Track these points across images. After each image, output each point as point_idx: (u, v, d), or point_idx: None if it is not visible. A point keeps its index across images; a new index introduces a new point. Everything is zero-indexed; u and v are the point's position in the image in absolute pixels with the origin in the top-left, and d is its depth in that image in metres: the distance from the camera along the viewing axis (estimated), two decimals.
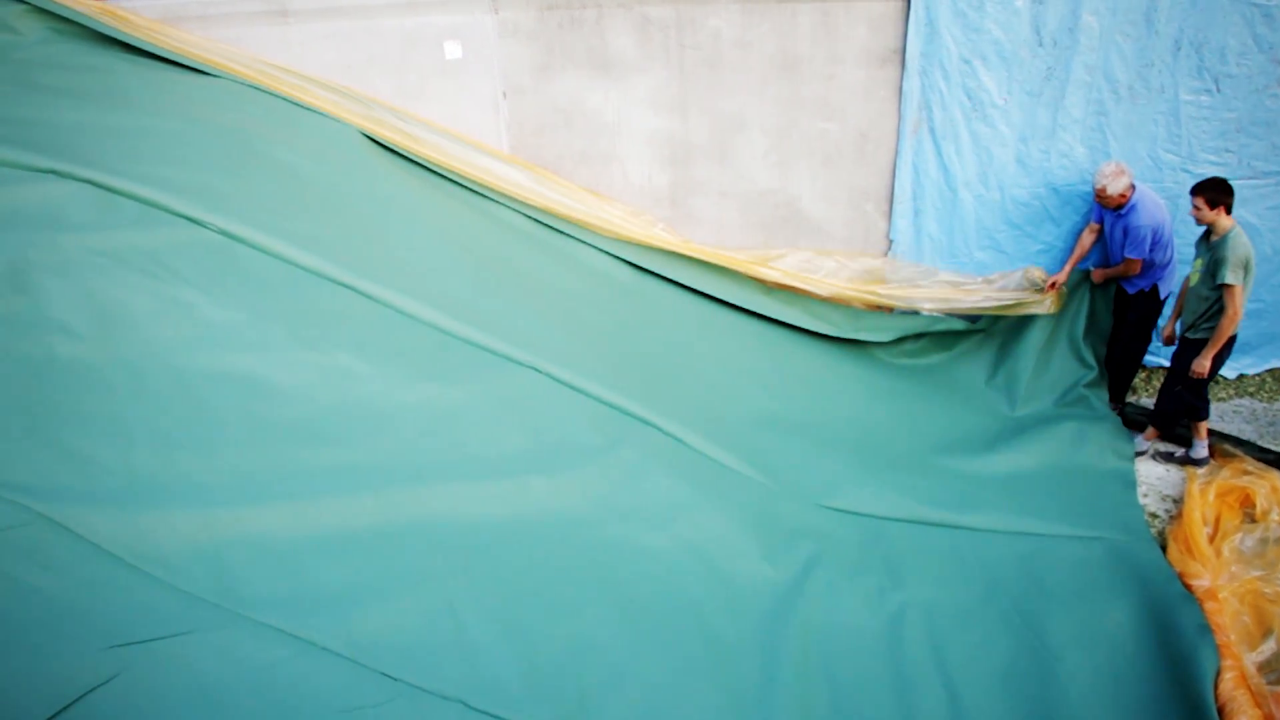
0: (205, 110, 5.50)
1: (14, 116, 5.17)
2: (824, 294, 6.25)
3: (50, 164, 4.67)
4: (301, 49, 6.13)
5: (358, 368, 4.06)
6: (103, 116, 5.29)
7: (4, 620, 2.97)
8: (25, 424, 3.46)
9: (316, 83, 6.08)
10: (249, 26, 6.24)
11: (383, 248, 4.81)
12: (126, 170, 4.66)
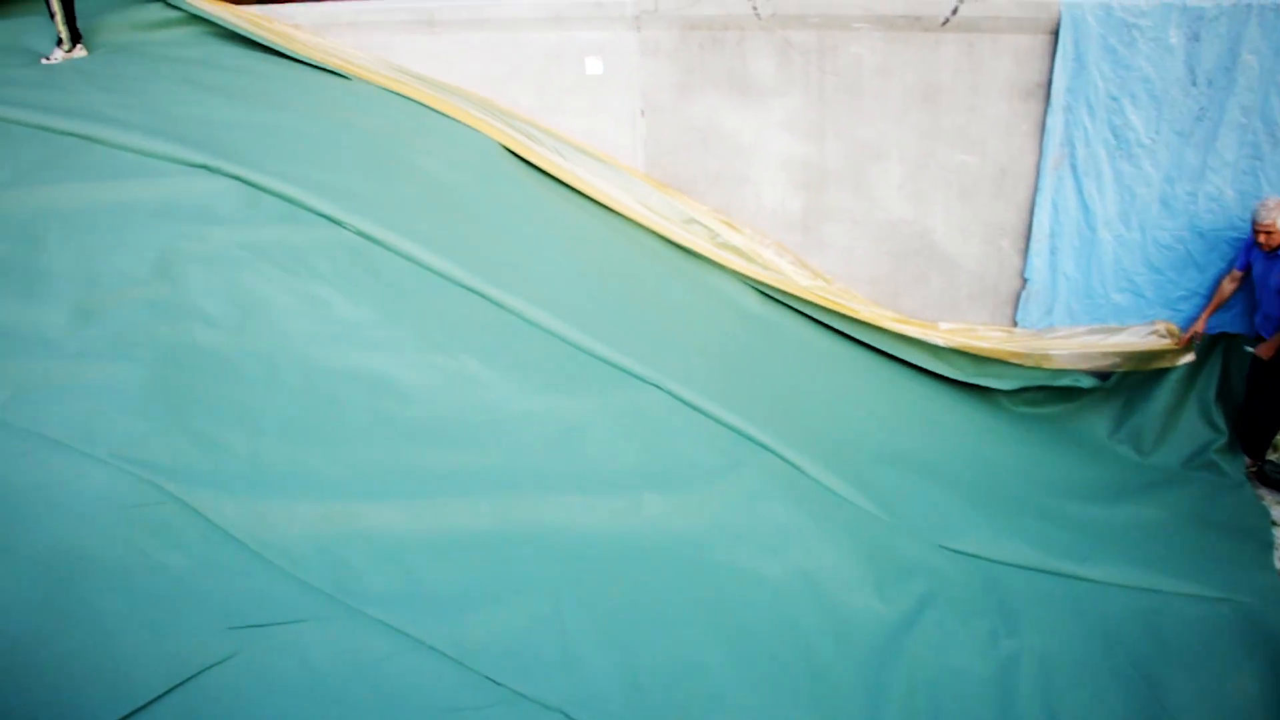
0: (350, 115, 5.65)
1: (173, 113, 5.40)
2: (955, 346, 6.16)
3: (203, 159, 4.86)
4: (447, 58, 6.26)
5: (483, 373, 4.12)
6: (253, 116, 5.47)
7: (133, 593, 3.07)
8: (164, 407, 3.59)
9: (458, 93, 6.21)
10: (397, 34, 6.40)
11: (514, 257, 4.87)
12: (273, 169, 4.82)
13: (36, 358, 3.76)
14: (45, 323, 3.93)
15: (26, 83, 5.91)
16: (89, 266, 4.25)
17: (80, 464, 3.35)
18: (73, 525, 3.17)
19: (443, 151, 5.39)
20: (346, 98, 5.78)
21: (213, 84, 5.94)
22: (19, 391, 3.60)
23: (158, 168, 4.90)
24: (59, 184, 4.78)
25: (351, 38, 6.51)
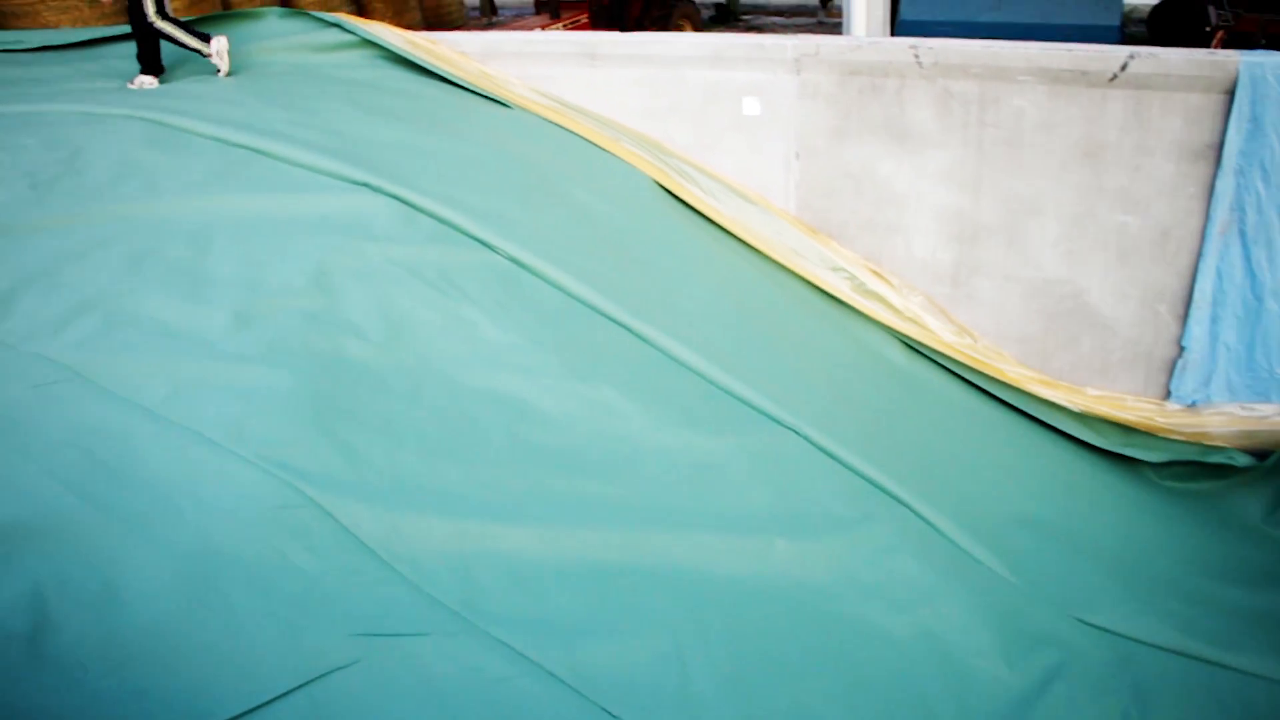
0: (508, 142, 5.77)
1: (340, 131, 5.60)
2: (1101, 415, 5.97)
3: (364, 177, 5.02)
4: (607, 91, 6.35)
5: (622, 405, 4.14)
6: (415, 138, 5.63)
7: (268, 591, 3.16)
8: (311, 414, 3.69)
9: (616, 127, 6.29)
10: (559, 66, 6.53)
11: (659, 292, 4.90)
12: (430, 190, 4.95)
13: (196, 357, 3.92)
14: (206, 324, 4.10)
15: (207, 97, 6.21)
16: (251, 274, 4.42)
17: (228, 462, 3.46)
18: (216, 521, 3.27)
19: (597, 183, 5.46)
20: (506, 125, 5.91)
21: (379, 106, 6.13)
22: (177, 388, 3.75)
23: (321, 183, 5.08)
24: (229, 193, 4.99)
25: (515, 67, 6.66)
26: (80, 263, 4.54)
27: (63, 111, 6.36)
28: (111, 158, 5.51)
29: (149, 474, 3.40)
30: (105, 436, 3.55)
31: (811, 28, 17.61)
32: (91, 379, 3.81)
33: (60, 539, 3.12)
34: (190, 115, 5.82)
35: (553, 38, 6.76)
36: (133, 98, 6.34)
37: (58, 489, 3.31)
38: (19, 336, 4.06)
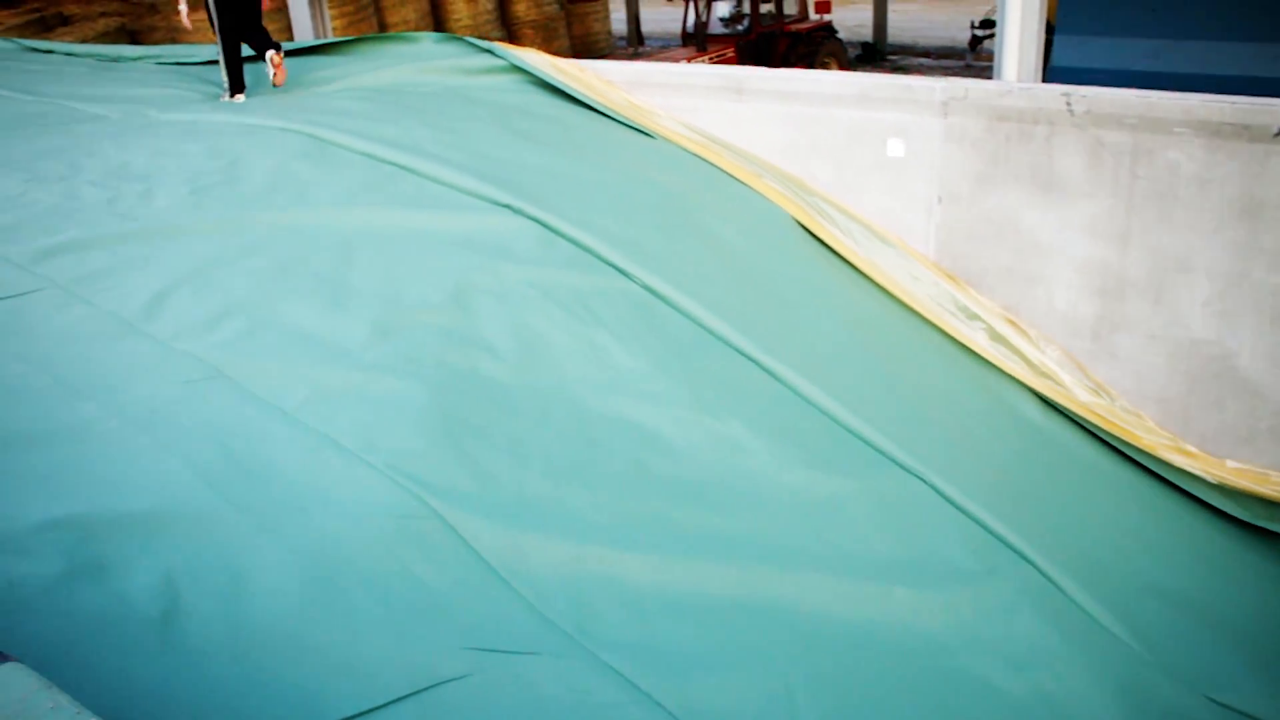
0: (650, 171, 5.82)
1: (485, 153, 5.71)
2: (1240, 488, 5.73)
3: (507, 199, 5.11)
4: (750, 125, 6.36)
5: (747, 440, 4.12)
6: (558, 163, 5.72)
7: (387, 597, 3.21)
8: (441, 428, 3.75)
9: (758, 162, 6.29)
10: (704, 98, 6.56)
11: (792, 329, 4.88)
12: (570, 215, 5.02)
13: (334, 365, 4.02)
14: (346, 334, 4.21)
15: (361, 114, 6.40)
16: (391, 287, 4.53)
17: (358, 469, 3.53)
18: (343, 525, 3.34)
19: (736, 218, 5.47)
20: (649, 155, 5.96)
21: (525, 130, 6.25)
22: (315, 394, 3.86)
23: (464, 202, 5.19)
24: (376, 208, 5.13)
25: (661, 98, 6.71)
26: (231, 267, 4.71)
27: (225, 122, 6.64)
28: (267, 168, 5.72)
29: (282, 474, 3.49)
30: (243, 435, 3.66)
31: (959, 70, 17.42)
32: (234, 379, 3.94)
33: (194, 529, 3.23)
34: (343, 130, 6.02)
35: (699, 70, 6.81)
36: (291, 112, 6.57)
37: (196, 482, 3.42)
38: (170, 334, 4.22)
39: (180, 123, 6.92)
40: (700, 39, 16.87)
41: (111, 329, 4.30)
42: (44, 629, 2.77)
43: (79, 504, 3.27)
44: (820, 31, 17.49)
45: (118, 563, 3.05)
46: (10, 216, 5.45)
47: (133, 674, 2.71)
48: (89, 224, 5.25)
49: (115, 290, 4.56)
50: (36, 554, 3.04)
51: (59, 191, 5.76)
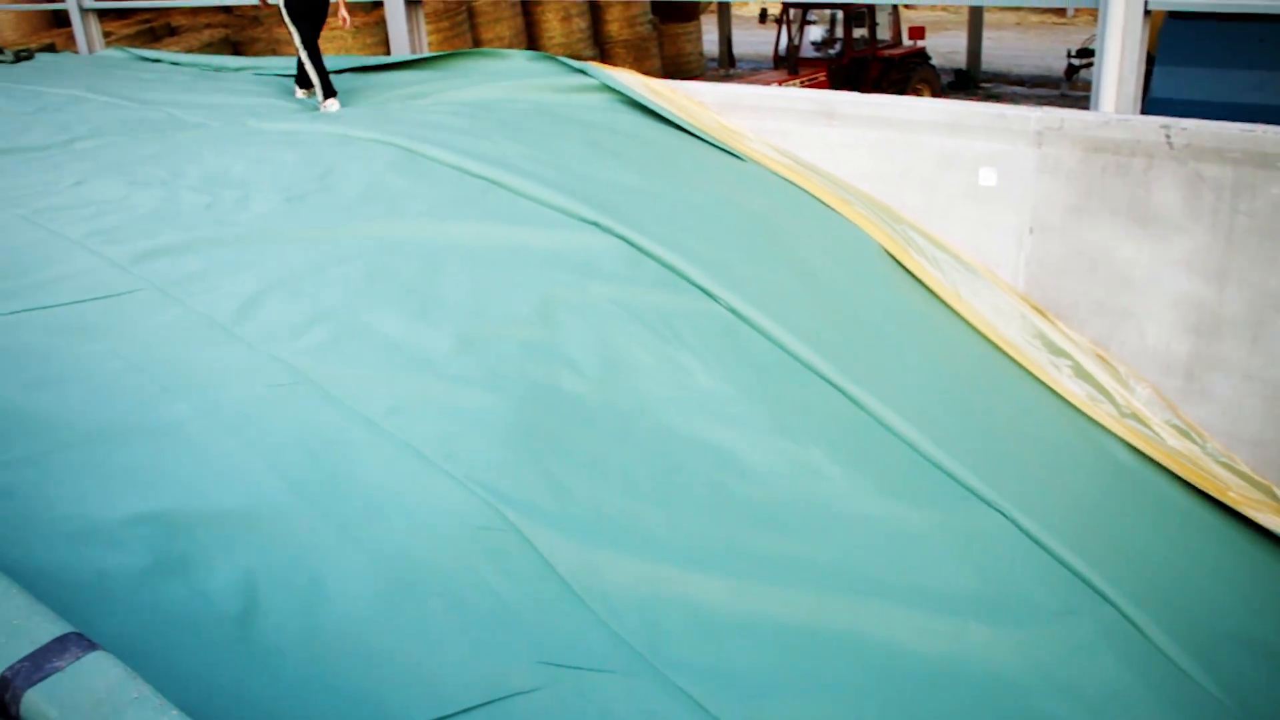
0: (738, 194, 5.81)
1: (574, 170, 5.75)
2: None
3: (595, 216, 5.14)
4: (840, 151, 6.33)
5: (827, 467, 4.09)
6: (647, 183, 5.74)
7: (461, 607, 3.22)
8: (522, 442, 3.77)
9: (847, 188, 6.25)
10: (795, 123, 6.54)
11: (876, 357, 4.84)
12: (657, 234, 5.03)
13: (418, 375, 4.07)
14: (431, 344, 4.25)
15: (453, 129, 6.49)
16: (477, 300, 4.57)
17: (437, 479, 3.56)
18: (420, 534, 3.37)
19: (823, 243, 5.44)
20: (738, 177, 5.96)
21: (615, 148, 6.28)
22: (398, 403, 3.90)
23: (553, 219, 5.22)
24: (465, 221, 5.19)
25: (751, 121, 6.71)
26: (321, 275, 4.79)
27: (321, 132, 6.76)
28: (360, 179, 5.82)
29: (363, 481, 3.53)
30: (327, 440, 3.71)
31: (1054, 100, 17.18)
32: (321, 385, 4.00)
33: (275, 531, 3.28)
34: (436, 144, 6.10)
35: (790, 94, 6.80)
36: (385, 125, 6.68)
37: (279, 484, 3.47)
38: (260, 338, 4.30)
39: (278, 132, 7.07)
40: (792, 62, 16.86)
41: (204, 331, 4.40)
42: (128, 620, 2.83)
43: (167, 500, 3.34)
44: (913, 58, 17.35)
45: (201, 559, 3.11)
46: (113, 219, 5.61)
47: (210, 670, 2.75)
48: (187, 228, 5.38)
49: (209, 293, 4.66)
50: (125, 546, 3.11)
51: (160, 196, 5.92)
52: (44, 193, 6.26)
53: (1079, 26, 26.33)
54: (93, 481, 3.45)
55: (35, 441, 3.67)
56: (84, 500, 3.34)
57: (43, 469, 3.52)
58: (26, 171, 6.85)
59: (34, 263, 5.15)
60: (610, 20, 17.80)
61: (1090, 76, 8.27)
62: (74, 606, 2.57)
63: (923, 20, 22.58)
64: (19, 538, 3.09)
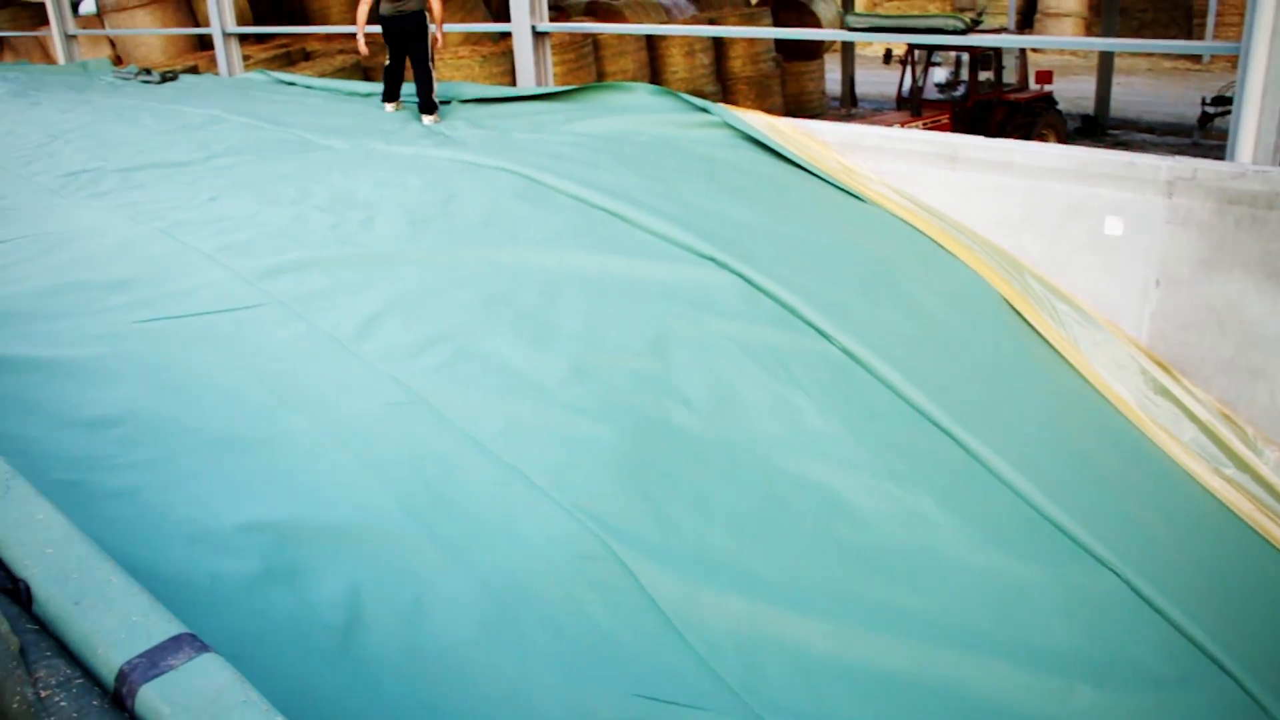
0: (857, 235, 5.77)
1: (694, 205, 5.78)
2: None
3: (712, 252, 5.15)
4: (962, 195, 6.25)
5: (936, 515, 4.01)
6: (765, 220, 5.73)
7: (561, 635, 3.23)
8: (630, 473, 3.78)
9: (967, 233, 6.17)
10: (917, 164, 6.48)
11: (990, 406, 4.75)
12: (774, 272, 5.01)
13: (531, 401, 4.10)
14: (545, 371, 4.29)
15: (574, 159, 6.58)
16: (593, 329, 4.60)
17: (544, 506, 3.58)
18: (525, 559, 3.38)
19: (941, 288, 5.37)
20: (857, 218, 5.93)
21: (734, 185, 6.29)
22: (510, 427, 3.94)
23: (670, 252, 5.24)
24: (583, 251, 5.24)
25: (872, 162, 6.66)
26: (441, 297, 4.88)
27: (446, 158, 6.90)
28: (482, 205, 5.92)
29: (471, 503, 3.57)
30: (437, 461, 3.76)
31: (1186, 149, 16.73)
32: (435, 405, 4.06)
33: (382, 547, 3.32)
34: (558, 174, 6.18)
35: (913, 136, 6.73)
36: (508, 153, 6.79)
37: (388, 501, 3.52)
38: (378, 357, 4.39)
39: (403, 156, 7.23)
40: (915, 104, 16.70)
41: (325, 347, 4.51)
42: (237, 624, 2.89)
43: (280, 510, 3.42)
44: (1039, 102, 17.05)
45: (309, 570, 3.17)
46: (243, 234, 5.79)
47: (312, 679, 2.79)
48: (313, 246, 5.53)
49: (331, 311, 4.78)
50: (238, 552, 3.19)
51: (288, 214, 6.09)
52: (181, 207, 6.50)
53: (1214, 73, 25.65)
54: (211, 487, 3.55)
55: (161, 445, 3.79)
56: (202, 505, 3.44)
57: (166, 472, 3.63)
58: (166, 186, 7.12)
59: (168, 273, 5.34)
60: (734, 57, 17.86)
61: (1226, 125, 8.04)
62: (187, 607, 2.63)
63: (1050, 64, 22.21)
64: (140, 537, 3.19)
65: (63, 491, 3.26)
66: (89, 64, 16.19)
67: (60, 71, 16.14)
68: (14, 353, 4.50)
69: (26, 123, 10.63)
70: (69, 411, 4.02)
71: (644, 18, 17.08)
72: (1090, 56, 26.73)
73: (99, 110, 10.92)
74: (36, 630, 2.32)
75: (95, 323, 4.82)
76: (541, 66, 9.39)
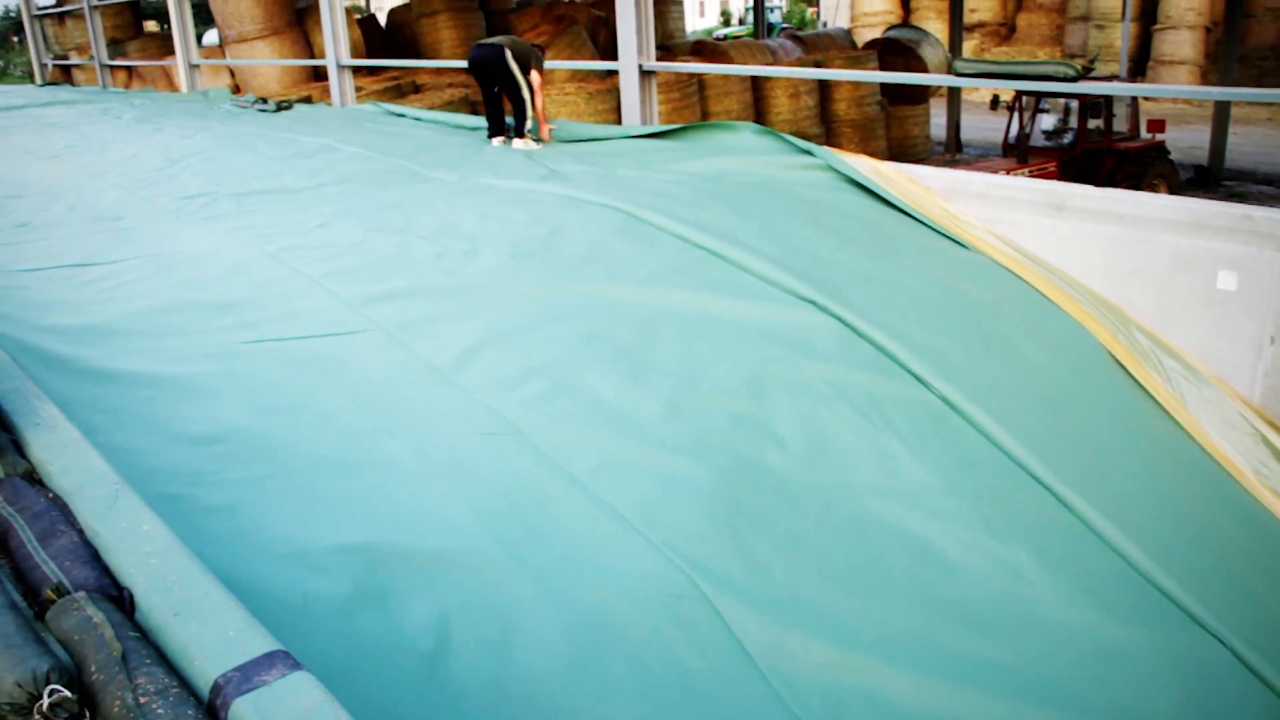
0: (959, 282, 5.70)
1: (794, 246, 5.77)
2: None
3: (812, 294, 5.12)
4: (1068, 245, 6.15)
5: (1032, 571, 3.91)
6: (866, 264, 5.70)
7: (646, 673, 3.22)
8: (722, 513, 3.76)
9: (1073, 284, 6.06)
10: (1022, 213, 6.40)
11: (1093, 463, 4.64)
12: (873, 317, 4.98)
13: (626, 437, 4.12)
14: (641, 408, 4.30)
15: (677, 197, 6.62)
16: (690, 368, 4.61)
17: (635, 542, 3.58)
18: (613, 594, 3.38)
19: (1044, 339, 5.28)
20: (960, 265, 5.86)
21: (836, 228, 6.27)
22: (604, 462, 3.95)
23: (769, 293, 5.24)
24: (683, 289, 5.26)
25: (976, 208, 6.59)
26: (540, 330, 4.92)
27: (550, 193, 6.99)
28: (585, 240, 5.98)
29: (562, 536, 3.58)
30: (530, 492, 3.79)
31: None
32: (529, 437, 4.09)
33: (473, 575, 3.35)
34: (660, 211, 6.22)
35: (1019, 184, 6.64)
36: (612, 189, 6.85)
37: (480, 530, 3.55)
38: (476, 386, 4.45)
39: (508, 189, 7.34)
40: (1022, 150, 16.49)
41: (424, 375, 4.58)
42: (327, 644, 2.93)
43: (373, 533, 3.47)
44: (1151, 151, 16.69)
45: (399, 594, 3.21)
46: (349, 261, 5.91)
47: (398, 703, 2.82)
48: (417, 275, 5.63)
49: (432, 339, 4.85)
50: (330, 573, 3.24)
51: (394, 243, 6.22)
52: (290, 232, 6.67)
53: None
54: (308, 507, 3.61)
55: (261, 463, 3.88)
56: (298, 524, 3.50)
57: (265, 490, 3.71)
58: (277, 212, 7.32)
59: (276, 297, 5.48)
60: (838, 99, 17.84)
61: None
62: (280, 624, 2.68)
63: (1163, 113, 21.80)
64: (237, 552, 3.26)
65: (167, 504, 3.36)
66: (209, 92, 16.74)
67: (183, 99, 16.72)
68: (128, 367, 4.65)
69: (150, 147, 11.03)
70: (176, 426, 4.13)
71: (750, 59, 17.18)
72: (1205, 105, 26.15)
73: (217, 137, 11.29)
74: (138, 637, 2.39)
75: (205, 341, 4.96)
76: (647, 105, 9.48)
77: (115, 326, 5.21)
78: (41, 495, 3.19)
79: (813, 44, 20.04)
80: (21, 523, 3.00)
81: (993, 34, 31.72)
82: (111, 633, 2.36)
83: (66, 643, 2.37)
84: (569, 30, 15.37)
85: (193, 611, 2.54)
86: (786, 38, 21.44)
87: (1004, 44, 31.09)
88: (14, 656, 2.27)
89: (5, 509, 3.10)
